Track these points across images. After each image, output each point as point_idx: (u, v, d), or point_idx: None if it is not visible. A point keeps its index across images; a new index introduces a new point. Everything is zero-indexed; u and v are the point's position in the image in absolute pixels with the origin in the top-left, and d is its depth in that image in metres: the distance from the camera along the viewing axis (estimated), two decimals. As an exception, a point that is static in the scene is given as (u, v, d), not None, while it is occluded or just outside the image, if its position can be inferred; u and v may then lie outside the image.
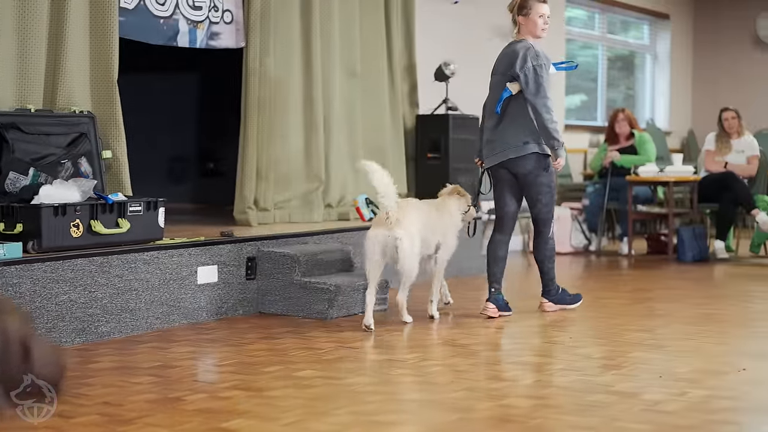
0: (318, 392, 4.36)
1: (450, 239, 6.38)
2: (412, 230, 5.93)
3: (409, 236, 5.89)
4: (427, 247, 6.22)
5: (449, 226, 6.38)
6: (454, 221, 6.42)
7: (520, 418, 3.94)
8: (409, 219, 5.94)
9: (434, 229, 6.25)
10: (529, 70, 6.22)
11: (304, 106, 7.75)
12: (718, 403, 4.20)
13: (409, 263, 5.92)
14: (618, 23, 13.10)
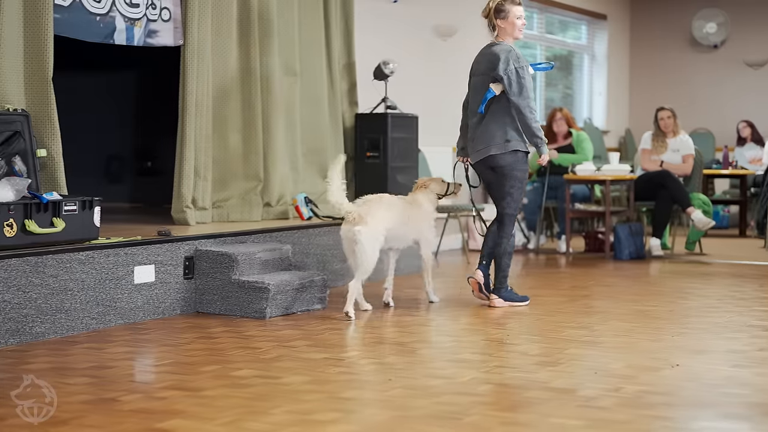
0: (255, 391, 4.35)
1: (427, 233, 6.74)
2: (374, 226, 6.29)
3: (368, 231, 6.26)
4: (401, 241, 6.64)
5: (423, 221, 6.72)
6: (427, 215, 6.76)
7: (455, 415, 3.97)
8: (374, 215, 6.30)
9: (408, 225, 6.59)
10: (512, 72, 6.48)
11: (243, 104, 7.72)
12: (651, 398, 4.26)
13: (366, 256, 6.28)
14: (556, 23, 13.21)
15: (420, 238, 6.73)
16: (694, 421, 3.98)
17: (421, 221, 6.72)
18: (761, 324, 6.06)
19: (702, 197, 9.84)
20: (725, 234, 12.02)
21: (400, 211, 6.58)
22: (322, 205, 8.15)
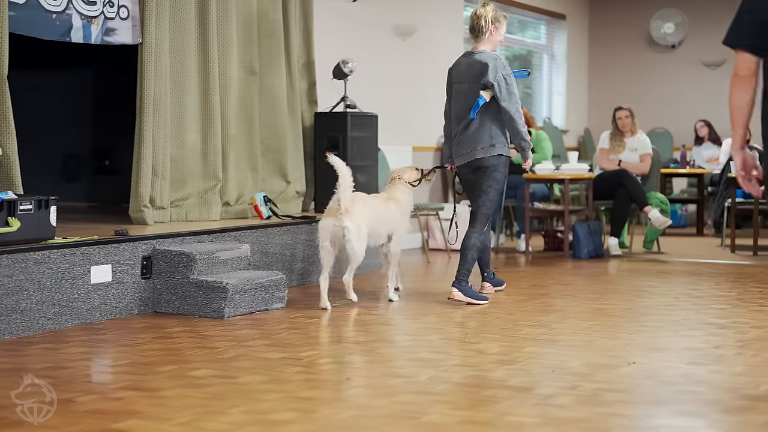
0: (212, 391, 4.33)
1: (400, 228, 6.96)
2: (358, 220, 6.52)
3: (355, 225, 6.50)
4: (377, 237, 6.83)
5: (398, 215, 6.93)
6: (403, 209, 6.98)
7: (413, 414, 3.97)
8: (357, 210, 6.53)
9: (383, 221, 6.81)
10: (501, 79, 6.79)
11: (201, 103, 7.69)
12: (608, 396, 4.28)
13: (355, 249, 6.52)
14: (516, 23, 13.25)
15: (392, 232, 6.92)
16: (650, 419, 4.01)
17: (396, 216, 6.92)
18: (717, 322, 6.11)
19: (659, 196, 9.92)
20: (683, 233, 12.12)
21: (377, 207, 6.79)
22: (282, 205, 8.13)
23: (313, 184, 8.68)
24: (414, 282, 8.02)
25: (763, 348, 5.30)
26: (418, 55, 10.67)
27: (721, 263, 9.11)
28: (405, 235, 7.06)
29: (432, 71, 10.89)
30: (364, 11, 9.79)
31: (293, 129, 8.51)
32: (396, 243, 6.96)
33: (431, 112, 10.83)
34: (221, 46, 7.78)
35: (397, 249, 6.98)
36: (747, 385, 4.49)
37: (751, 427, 3.85)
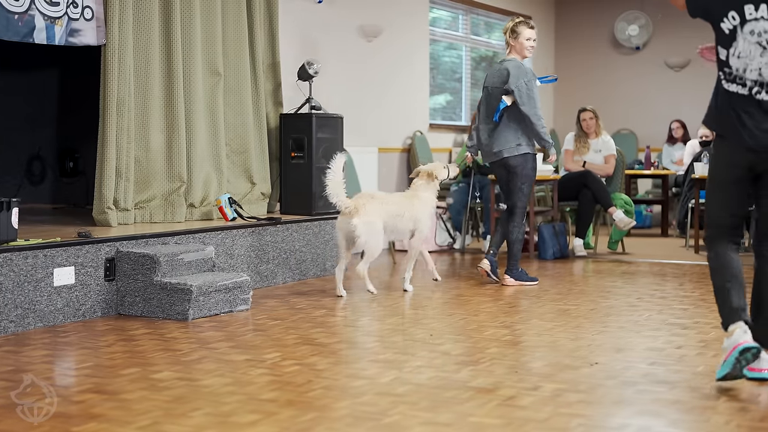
0: (175, 394, 4.32)
1: (423, 225, 7.39)
2: (369, 217, 7.00)
3: (365, 222, 6.98)
4: (398, 234, 7.39)
5: (421, 212, 7.39)
6: (426, 207, 7.44)
7: (375, 415, 3.98)
8: (368, 208, 7.01)
9: (404, 218, 7.28)
10: (522, 85, 7.55)
11: (165, 105, 7.66)
12: (569, 396, 4.31)
13: (369, 243, 7.03)
14: (482, 24, 13.30)
15: (415, 228, 7.38)
16: (610, 419, 4.04)
17: (418, 213, 7.37)
18: (680, 322, 6.16)
19: (624, 197, 9.98)
20: (648, 233, 12.19)
21: (396, 205, 7.27)
22: (247, 206, 8.12)
23: (278, 185, 8.67)
24: (380, 283, 8.02)
25: (724, 348, 5.34)
26: (384, 57, 10.68)
27: (685, 264, 9.17)
28: (426, 231, 7.50)
29: (398, 73, 10.90)
30: (330, 12, 9.79)
31: (258, 130, 8.50)
32: (416, 239, 7.42)
33: (397, 113, 10.85)
34: (185, 47, 7.76)
35: (416, 244, 7.43)
36: (708, 385, 4.53)
37: (710, 427, 3.88)
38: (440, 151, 11.59)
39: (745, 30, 4.36)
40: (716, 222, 4.59)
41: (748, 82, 4.37)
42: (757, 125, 4.36)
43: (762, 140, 4.36)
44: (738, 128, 4.40)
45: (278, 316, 6.36)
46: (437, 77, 12.21)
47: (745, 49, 4.37)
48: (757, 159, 4.41)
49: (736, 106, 4.41)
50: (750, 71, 4.36)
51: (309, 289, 7.51)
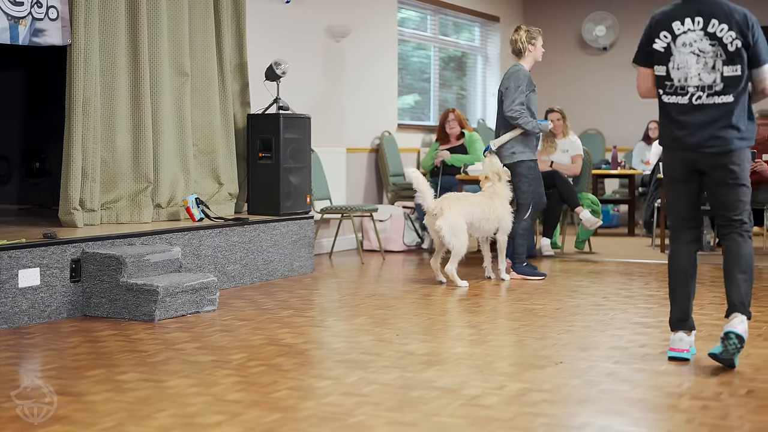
0: (140, 395, 4.31)
1: (505, 222, 7.99)
2: (452, 219, 7.61)
3: (448, 224, 7.61)
4: (483, 231, 7.96)
5: (502, 210, 7.97)
6: (506, 204, 8.00)
7: (340, 416, 3.99)
8: (451, 210, 7.63)
9: (488, 217, 7.88)
10: (505, 89, 8.12)
11: (132, 105, 7.63)
12: (534, 396, 4.34)
13: (453, 244, 7.61)
14: (450, 25, 13.32)
15: (499, 226, 7.97)
16: (573, 418, 4.07)
17: (501, 211, 7.95)
18: (644, 321, 6.21)
19: (590, 197, 10.03)
20: (615, 233, 12.26)
21: (478, 206, 7.85)
22: (214, 207, 8.11)
23: (245, 186, 8.65)
24: (348, 283, 8.04)
25: (687, 346, 5.39)
26: (352, 57, 10.68)
27: (651, 263, 9.24)
28: (510, 226, 8.03)
29: (366, 73, 10.91)
30: (298, 13, 9.78)
31: (225, 131, 8.48)
32: (501, 234, 8.00)
33: (365, 113, 10.85)
34: (152, 47, 7.73)
35: (503, 239, 8.02)
36: (670, 384, 4.58)
37: (672, 425, 3.93)
38: (409, 151, 11.61)
39: (678, 43, 4.92)
40: (674, 218, 5.11)
41: (690, 89, 4.90)
42: (692, 128, 4.89)
43: (698, 141, 4.88)
44: (678, 135, 4.93)
45: (245, 316, 6.36)
46: (406, 77, 12.22)
47: (682, 60, 4.91)
48: (698, 157, 4.91)
49: (674, 115, 4.95)
50: (691, 78, 4.89)
51: (276, 290, 7.51)
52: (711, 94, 4.87)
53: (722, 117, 4.85)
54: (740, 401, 4.25)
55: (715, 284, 7.81)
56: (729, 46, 4.82)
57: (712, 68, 4.85)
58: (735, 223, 4.95)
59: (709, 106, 4.87)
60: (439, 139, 10.64)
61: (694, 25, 4.88)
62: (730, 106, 4.85)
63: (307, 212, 8.64)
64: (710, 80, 4.86)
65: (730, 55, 4.83)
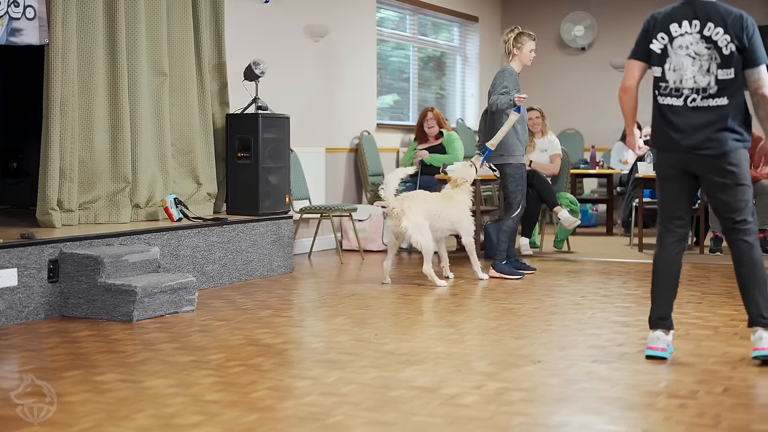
0: (118, 396, 4.30)
1: (465, 224, 7.98)
2: (415, 218, 7.58)
3: (413, 223, 7.56)
4: (435, 231, 7.82)
5: (459, 212, 7.95)
6: (462, 207, 7.97)
7: (319, 415, 3.99)
8: (413, 210, 7.60)
9: (443, 218, 7.85)
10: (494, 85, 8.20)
11: (110, 105, 7.60)
12: (512, 395, 4.35)
13: (421, 243, 7.56)
14: (429, 25, 13.33)
15: (458, 228, 7.98)
16: (551, 416, 4.08)
17: (457, 214, 7.93)
18: (622, 320, 6.23)
19: (569, 196, 10.06)
20: (593, 232, 12.31)
21: (436, 205, 7.84)
22: (193, 207, 8.09)
23: (224, 185, 8.64)
24: (327, 283, 8.04)
25: (665, 345, 5.41)
26: (331, 57, 10.68)
27: (629, 262, 9.28)
28: (470, 228, 8.05)
29: (345, 73, 10.91)
30: (276, 12, 9.77)
31: (204, 131, 8.46)
32: (465, 235, 8.01)
33: (344, 113, 10.86)
34: (130, 46, 7.71)
35: (469, 240, 8.02)
36: (647, 382, 4.60)
37: (650, 424, 3.95)
38: (388, 151, 11.61)
39: (674, 45, 4.97)
40: (663, 216, 5.10)
41: (685, 91, 4.94)
42: (687, 130, 4.93)
43: (694, 143, 4.91)
44: (672, 136, 4.97)
45: (224, 316, 6.35)
46: (385, 77, 12.23)
47: (678, 62, 4.96)
48: (693, 159, 4.94)
49: (669, 117, 4.99)
50: (686, 80, 4.93)
51: (255, 290, 7.51)
52: (705, 96, 4.91)
53: (717, 120, 4.89)
54: (717, 399, 4.28)
55: (692, 283, 7.86)
56: (724, 49, 4.87)
57: (707, 71, 4.90)
58: (739, 224, 4.96)
59: (704, 109, 4.91)
60: (417, 138, 10.65)
61: (691, 28, 4.93)
62: (724, 108, 4.89)
63: (286, 212, 8.64)
64: (705, 83, 4.91)
65: (725, 58, 4.87)
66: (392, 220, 7.70)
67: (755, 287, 4.93)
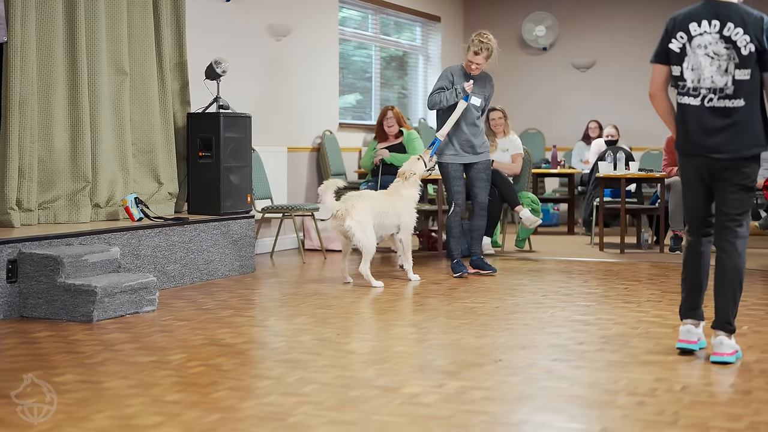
0: (77, 397, 4.27)
1: (405, 218, 8.00)
2: (360, 216, 7.59)
3: (357, 222, 7.57)
4: (384, 229, 7.91)
5: (403, 209, 7.99)
6: (407, 203, 8.02)
7: (280, 415, 3.99)
8: (357, 208, 7.61)
9: (388, 215, 7.89)
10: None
11: (70, 104, 7.54)
12: (473, 393, 4.36)
13: (363, 242, 7.59)
14: (391, 24, 13.35)
15: (400, 223, 7.98)
16: (512, 415, 4.10)
17: (401, 210, 7.99)
18: (582, 318, 6.27)
19: (530, 196, 10.10)
20: (554, 231, 12.37)
21: (381, 203, 7.88)
22: (154, 206, 8.05)
23: (185, 185, 8.60)
24: (289, 283, 8.02)
25: (625, 344, 5.46)
26: (293, 56, 10.66)
27: (590, 261, 9.33)
28: (411, 225, 8.08)
29: (307, 72, 10.90)
30: (238, 11, 9.74)
31: (165, 130, 8.42)
32: (404, 232, 8.00)
33: (306, 113, 10.84)
34: (90, 45, 7.65)
35: (406, 237, 8.01)
36: (607, 380, 4.63)
37: (609, 421, 3.97)
38: (350, 150, 11.61)
39: (693, 45, 4.99)
40: (690, 217, 5.19)
41: (703, 90, 4.97)
42: (708, 133, 4.97)
43: (711, 144, 4.97)
44: (690, 138, 5.02)
45: (185, 317, 6.32)
46: (347, 77, 12.23)
47: (696, 61, 4.98)
48: (711, 163, 4.99)
49: (690, 118, 5.02)
50: (704, 80, 4.96)
51: (217, 290, 7.48)
52: (722, 97, 4.94)
53: (734, 122, 4.93)
54: (675, 397, 4.31)
55: (652, 282, 7.93)
56: (743, 49, 4.89)
57: (725, 71, 4.93)
58: (733, 223, 5.01)
59: (721, 110, 4.94)
60: (377, 137, 10.64)
61: (711, 28, 4.95)
62: (742, 110, 4.93)
63: (248, 212, 8.62)
64: (722, 83, 4.93)
65: (743, 59, 4.90)
66: (336, 221, 7.69)
67: (729, 291, 4.99)
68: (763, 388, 4.50)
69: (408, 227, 8.04)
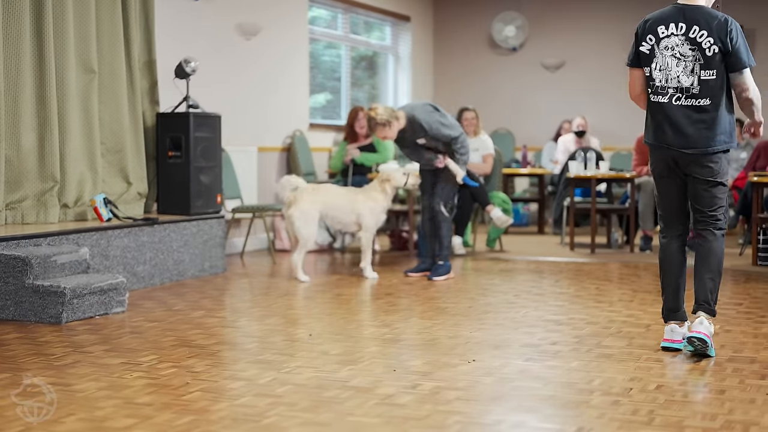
0: (47, 400, 4.21)
1: (366, 219, 8.10)
2: (304, 207, 7.81)
3: (299, 212, 7.80)
4: (340, 224, 8.18)
5: (365, 209, 8.09)
6: (371, 204, 8.11)
7: (254, 417, 3.95)
8: (304, 199, 7.82)
9: (344, 211, 8.05)
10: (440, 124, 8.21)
11: (37, 103, 7.46)
12: (447, 394, 4.34)
13: (302, 232, 7.81)
14: (361, 23, 13.31)
15: (360, 222, 8.10)
16: (487, 415, 4.08)
17: (363, 210, 8.07)
18: (555, 318, 6.27)
19: (501, 195, 10.10)
20: (525, 231, 12.39)
21: (342, 197, 8.05)
22: (123, 206, 7.98)
23: (155, 185, 8.53)
24: (260, 283, 7.98)
25: (597, 343, 5.46)
26: (263, 55, 10.61)
27: (561, 261, 9.34)
28: (371, 226, 8.15)
29: (277, 71, 10.85)
30: (207, 10, 9.68)
31: (134, 129, 8.35)
32: (364, 232, 8.11)
33: (277, 112, 10.79)
34: (58, 44, 7.57)
35: (366, 236, 8.11)
36: (581, 380, 4.62)
37: (584, 421, 3.96)
38: (320, 150, 11.57)
39: (661, 46, 5.16)
40: (664, 217, 5.32)
41: (670, 90, 5.14)
42: (677, 128, 5.12)
43: (679, 141, 5.12)
44: (660, 134, 5.18)
45: (155, 318, 6.26)
46: (317, 76, 12.19)
47: (664, 62, 5.15)
48: (679, 156, 5.14)
49: (660, 114, 5.18)
50: (671, 80, 5.13)
51: (187, 291, 7.43)
52: (689, 96, 5.11)
53: (702, 119, 5.09)
54: (650, 396, 4.31)
55: (623, 281, 7.95)
56: (707, 51, 5.05)
57: (690, 72, 5.10)
58: (709, 219, 5.19)
59: (689, 107, 5.10)
60: (347, 137, 10.60)
61: (677, 30, 5.11)
62: (707, 108, 5.09)
63: (218, 212, 8.56)
64: (688, 83, 5.10)
65: (708, 60, 5.06)
66: (284, 209, 7.98)
67: (707, 273, 5.14)
68: (736, 387, 4.51)
69: (368, 227, 8.13)
